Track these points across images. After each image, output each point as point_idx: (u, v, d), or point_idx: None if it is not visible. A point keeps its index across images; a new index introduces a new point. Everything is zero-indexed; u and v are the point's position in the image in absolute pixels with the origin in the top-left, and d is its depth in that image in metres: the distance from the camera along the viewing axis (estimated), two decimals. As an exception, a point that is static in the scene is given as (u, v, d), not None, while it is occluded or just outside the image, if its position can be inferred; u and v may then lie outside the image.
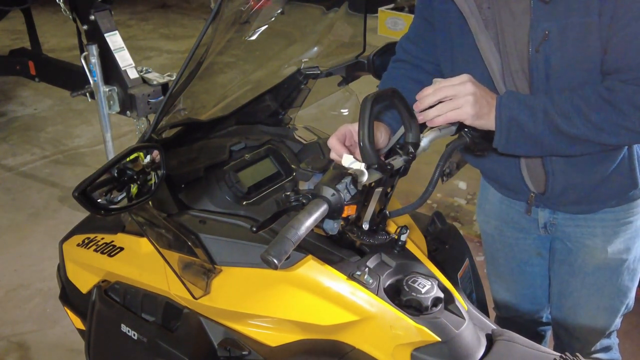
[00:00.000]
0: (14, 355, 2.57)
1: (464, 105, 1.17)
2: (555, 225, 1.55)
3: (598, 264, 1.54)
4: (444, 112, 1.18)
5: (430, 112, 1.19)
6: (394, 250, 1.28)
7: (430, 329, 1.13)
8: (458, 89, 1.18)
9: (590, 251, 1.53)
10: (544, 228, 1.58)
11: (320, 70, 1.71)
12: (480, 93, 1.19)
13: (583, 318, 1.65)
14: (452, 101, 1.17)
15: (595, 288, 1.59)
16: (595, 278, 1.57)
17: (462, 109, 1.17)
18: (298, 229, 0.99)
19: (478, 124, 1.20)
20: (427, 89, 1.20)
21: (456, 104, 1.17)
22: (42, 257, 3.16)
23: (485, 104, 1.20)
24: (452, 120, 1.18)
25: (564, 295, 1.66)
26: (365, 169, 1.11)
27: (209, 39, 1.37)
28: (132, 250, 1.51)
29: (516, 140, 1.22)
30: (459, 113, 1.17)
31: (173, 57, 6.23)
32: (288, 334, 1.29)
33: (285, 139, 1.66)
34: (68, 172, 4.07)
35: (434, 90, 1.19)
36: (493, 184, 1.63)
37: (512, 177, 1.49)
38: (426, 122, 1.20)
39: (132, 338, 1.46)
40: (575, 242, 1.55)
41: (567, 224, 1.54)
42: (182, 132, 1.51)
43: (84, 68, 2.97)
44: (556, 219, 1.54)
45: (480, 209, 1.75)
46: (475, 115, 1.18)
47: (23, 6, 4.07)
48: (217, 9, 1.28)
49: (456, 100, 1.17)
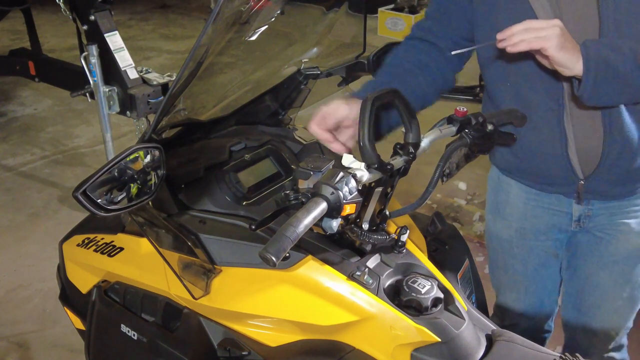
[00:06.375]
0: (14, 355, 2.57)
1: (549, 36, 1.17)
2: (590, 217, 1.55)
3: (631, 250, 1.55)
4: (528, 39, 1.18)
5: (515, 37, 1.19)
6: (394, 251, 1.28)
7: (430, 330, 1.13)
8: (547, 23, 1.19)
9: (625, 236, 1.54)
10: (577, 222, 1.57)
11: (320, 70, 1.71)
12: (566, 32, 1.20)
13: (606, 313, 1.65)
14: (538, 30, 1.18)
15: (623, 278, 1.59)
16: (624, 266, 1.58)
17: (547, 38, 1.17)
18: (297, 227, 0.99)
19: (560, 57, 1.19)
20: (516, 25, 1.20)
21: (542, 33, 1.17)
22: (41, 257, 3.16)
23: (570, 42, 1.20)
24: (535, 47, 1.18)
25: (586, 292, 1.66)
26: (365, 168, 1.11)
27: (209, 39, 1.37)
28: (132, 250, 1.51)
29: (604, 81, 1.22)
30: (544, 40, 1.17)
31: (173, 57, 6.23)
32: (288, 334, 1.29)
33: (285, 140, 1.66)
34: (68, 172, 4.07)
35: (523, 22, 1.20)
36: (529, 182, 1.60)
37: (558, 167, 1.48)
38: (507, 48, 1.20)
39: (132, 338, 1.46)
40: (608, 232, 1.55)
41: (601, 213, 1.54)
42: (182, 132, 1.51)
43: (84, 68, 2.97)
44: (591, 210, 1.54)
45: (497, 215, 1.72)
46: (558, 46, 1.18)
47: (23, 6, 4.08)
48: (217, 9, 1.28)
49: (543, 31, 1.18)
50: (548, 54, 1.19)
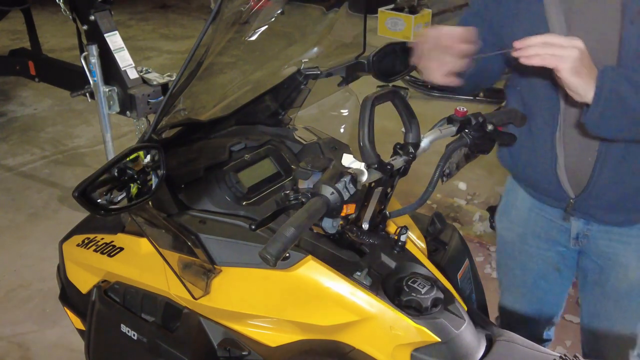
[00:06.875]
0: (14, 355, 2.57)
1: (566, 56, 1.14)
2: (588, 237, 1.51)
3: (632, 284, 1.49)
4: (543, 54, 1.15)
5: (531, 49, 1.16)
6: (393, 251, 1.28)
7: (430, 330, 1.13)
8: (567, 41, 1.15)
9: (624, 269, 1.49)
10: (575, 239, 1.53)
11: (320, 70, 1.71)
12: (586, 55, 1.16)
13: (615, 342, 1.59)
14: (556, 47, 1.15)
15: (631, 312, 1.53)
16: (630, 300, 1.52)
17: (562, 59, 1.14)
18: (296, 227, 0.99)
19: (572, 82, 1.16)
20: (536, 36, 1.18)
21: (559, 51, 1.14)
22: (41, 257, 3.16)
23: (587, 67, 1.16)
24: (549, 64, 1.15)
25: (596, 317, 1.61)
26: (365, 168, 1.11)
27: (209, 39, 1.37)
28: (132, 250, 1.51)
29: (612, 114, 1.19)
30: (558, 60, 1.14)
31: (173, 57, 6.23)
32: (288, 334, 1.29)
33: (285, 140, 1.66)
34: (68, 172, 4.07)
35: (543, 35, 1.17)
36: (528, 189, 1.59)
37: (547, 182, 1.46)
38: (520, 59, 1.18)
39: (132, 338, 1.46)
40: (607, 259, 1.50)
41: (600, 236, 1.49)
42: (182, 132, 1.51)
43: (84, 68, 2.97)
44: (590, 230, 1.50)
45: (503, 215, 1.71)
46: (573, 70, 1.14)
47: (23, 6, 4.07)
48: (217, 9, 1.28)
49: (561, 49, 1.14)
50: (560, 75, 1.16)
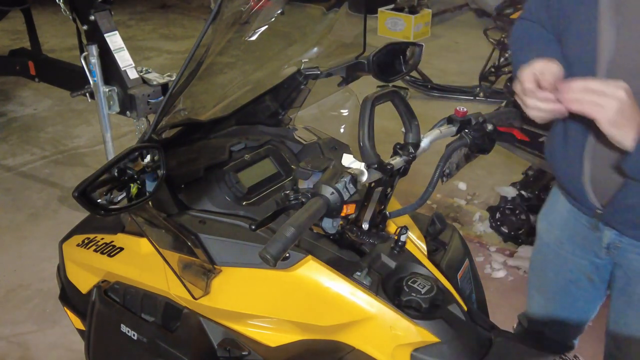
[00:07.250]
0: (14, 355, 2.57)
1: (606, 107, 1.10)
2: (619, 248, 1.49)
3: None
4: (582, 100, 1.12)
5: (572, 94, 1.13)
6: (393, 251, 1.28)
7: (430, 330, 1.13)
8: (609, 89, 1.10)
9: None
10: (606, 249, 1.52)
11: (320, 70, 1.71)
12: (629, 105, 1.11)
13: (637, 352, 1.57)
14: (597, 96, 1.11)
15: None
16: None
17: (602, 109, 1.10)
18: (296, 227, 0.99)
19: (610, 133, 1.12)
20: (580, 79, 1.14)
21: (599, 100, 1.10)
22: (41, 257, 3.16)
23: (629, 117, 1.11)
24: (587, 113, 1.12)
25: (619, 325, 1.60)
26: (365, 168, 1.11)
27: (209, 39, 1.37)
28: (132, 250, 1.51)
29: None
30: (597, 111, 1.11)
31: (173, 57, 6.23)
32: (288, 334, 1.29)
33: (285, 140, 1.66)
34: (68, 172, 4.07)
35: (585, 80, 1.14)
36: (564, 193, 1.57)
37: (575, 189, 1.45)
38: (560, 100, 1.15)
39: (132, 338, 1.46)
40: (635, 271, 1.49)
41: (630, 250, 1.47)
42: (182, 132, 1.51)
43: (84, 68, 2.97)
44: (621, 242, 1.48)
45: (544, 216, 1.70)
46: (612, 122, 1.11)
47: (23, 6, 4.07)
48: (217, 9, 1.28)
49: (601, 98, 1.10)
50: (599, 124, 1.12)
